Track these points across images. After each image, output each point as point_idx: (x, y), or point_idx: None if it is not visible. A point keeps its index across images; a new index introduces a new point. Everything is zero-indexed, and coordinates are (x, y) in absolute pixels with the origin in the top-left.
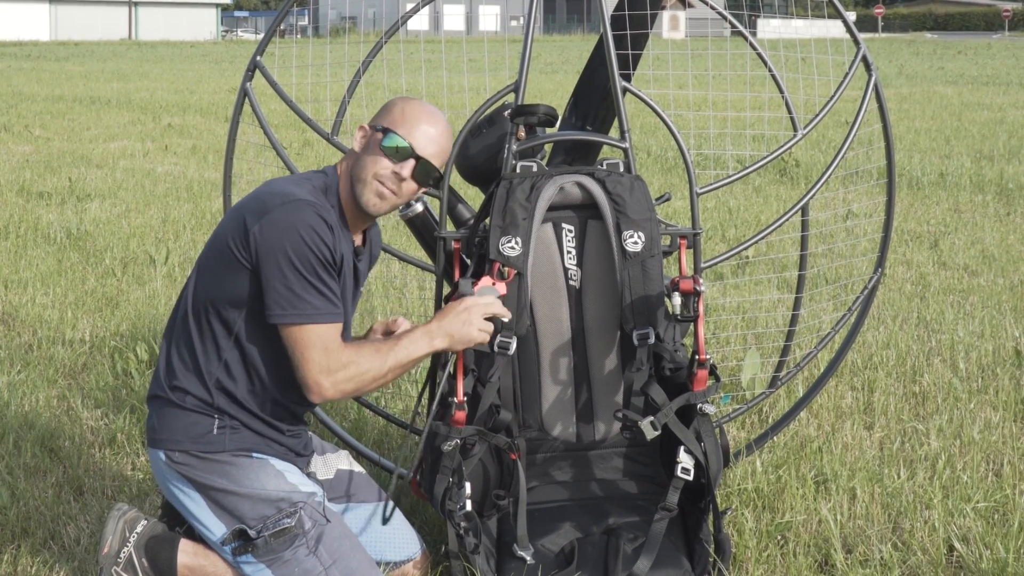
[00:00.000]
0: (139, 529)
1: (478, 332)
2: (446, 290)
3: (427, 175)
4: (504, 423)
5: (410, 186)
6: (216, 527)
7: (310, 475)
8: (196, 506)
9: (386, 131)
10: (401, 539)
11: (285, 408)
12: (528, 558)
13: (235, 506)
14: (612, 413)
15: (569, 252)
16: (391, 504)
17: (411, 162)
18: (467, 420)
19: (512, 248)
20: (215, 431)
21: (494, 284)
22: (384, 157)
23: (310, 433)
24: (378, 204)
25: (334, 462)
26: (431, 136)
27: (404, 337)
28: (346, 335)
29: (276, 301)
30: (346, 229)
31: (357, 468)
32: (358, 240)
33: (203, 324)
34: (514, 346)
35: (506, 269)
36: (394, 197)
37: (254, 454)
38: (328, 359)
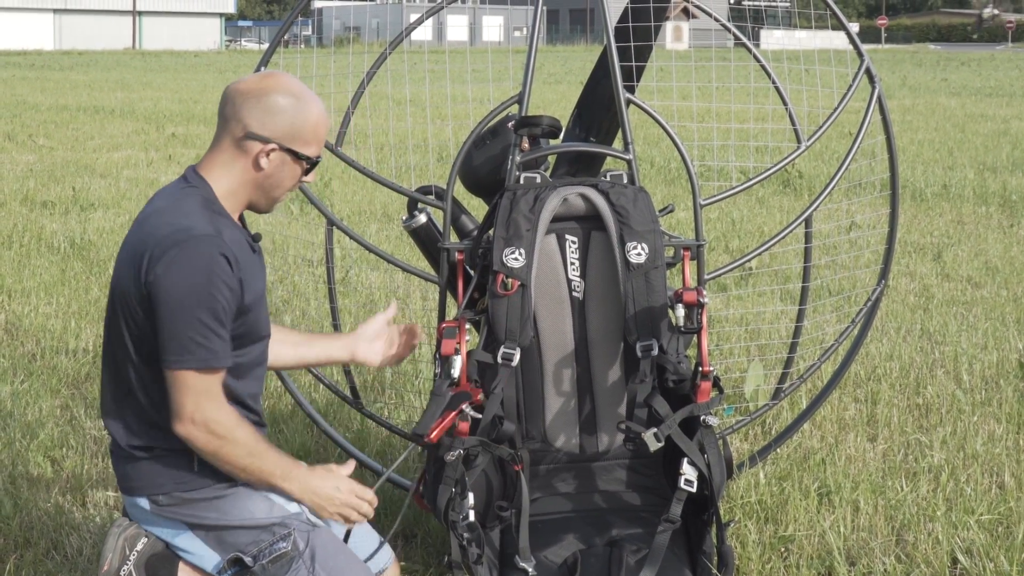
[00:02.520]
0: (139, 547)
1: (331, 511)
2: (450, 301)
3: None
4: (507, 434)
5: None
6: (210, 558)
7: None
8: (188, 542)
9: (304, 158)
10: (372, 550)
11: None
12: (530, 569)
13: (227, 537)
14: (616, 425)
15: (572, 263)
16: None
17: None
18: (470, 431)
19: (516, 260)
20: (196, 467)
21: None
22: (302, 175)
23: None
24: (278, 205)
25: None
26: (326, 116)
27: (284, 459)
28: (266, 329)
29: (172, 345)
30: (235, 227)
31: None
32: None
33: (143, 384)
34: (517, 357)
35: (510, 280)
36: None
37: (239, 484)
38: (198, 406)
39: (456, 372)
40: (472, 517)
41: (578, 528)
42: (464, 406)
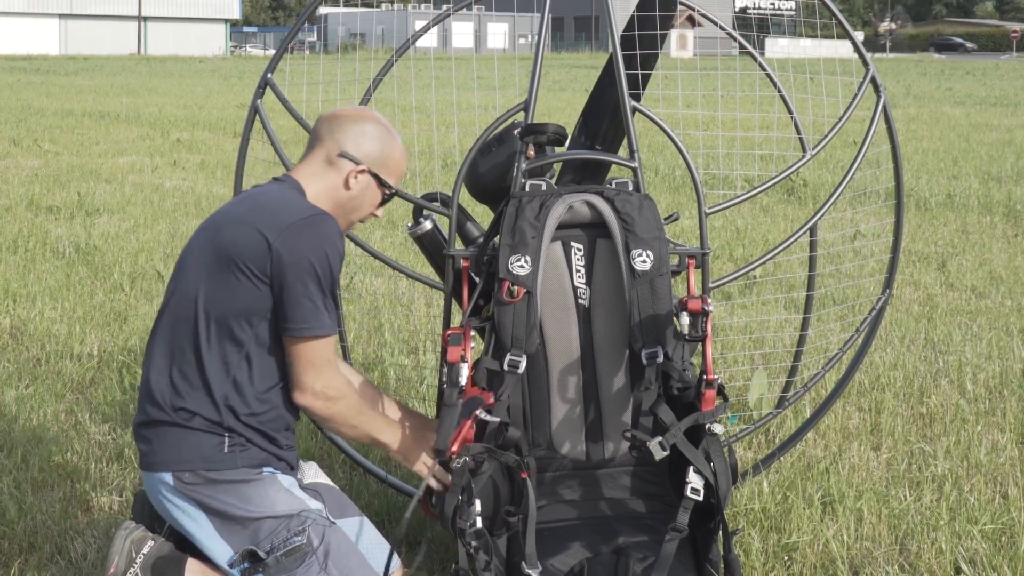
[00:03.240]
0: (146, 550)
1: (416, 465)
2: (455, 308)
3: None
4: (513, 441)
5: None
6: (223, 550)
7: (299, 480)
8: (201, 529)
9: (390, 191)
10: (380, 555)
11: (284, 421)
12: None
13: (243, 526)
14: (621, 432)
15: (578, 271)
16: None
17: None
18: (476, 438)
19: (522, 267)
20: (226, 449)
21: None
22: (379, 205)
23: None
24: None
25: (308, 473)
26: (405, 165)
27: (395, 425)
28: None
29: (301, 315)
30: None
31: (325, 480)
32: None
33: (211, 342)
34: (524, 365)
35: (516, 288)
36: None
37: (264, 470)
38: (319, 369)
39: (463, 379)
40: (479, 524)
41: (584, 536)
42: (478, 411)
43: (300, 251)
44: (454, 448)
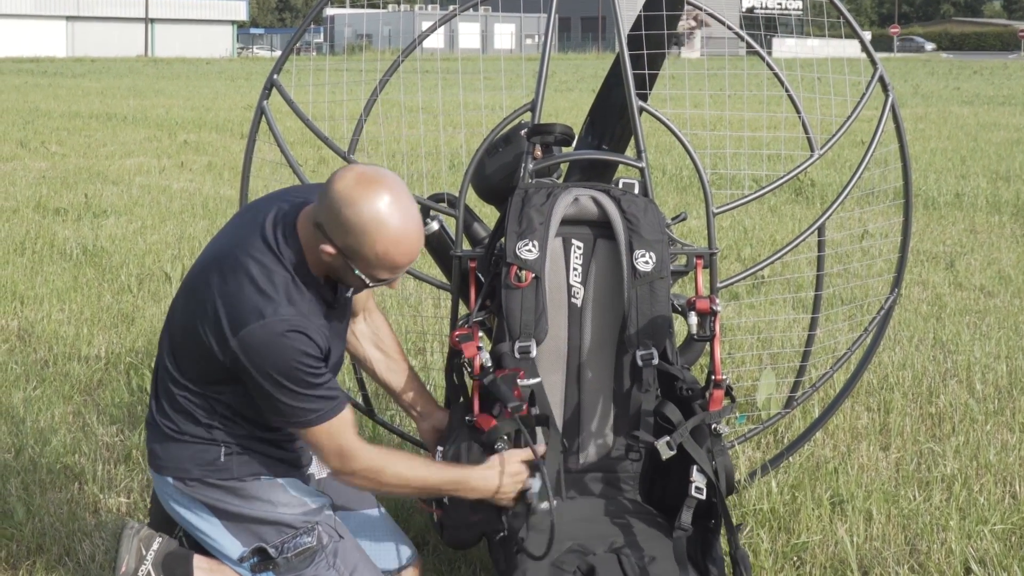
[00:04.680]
0: (155, 547)
1: (508, 499)
2: (462, 309)
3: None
4: (544, 417)
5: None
6: (233, 546)
7: (309, 477)
8: (211, 527)
9: (372, 278)
10: (396, 546)
11: (286, 431)
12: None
13: (252, 528)
14: (600, 437)
15: (575, 269)
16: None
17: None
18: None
19: (530, 251)
20: (222, 458)
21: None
22: (366, 286)
23: None
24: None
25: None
26: (410, 251)
27: (462, 471)
28: (342, 346)
29: (273, 413)
30: (319, 287)
31: None
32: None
33: (190, 392)
34: (535, 351)
35: (523, 272)
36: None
37: (262, 477)
38: (342, 454)
39: (489, 362)
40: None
41: (579, 535)
42: (519, 379)
43: (258, 358)
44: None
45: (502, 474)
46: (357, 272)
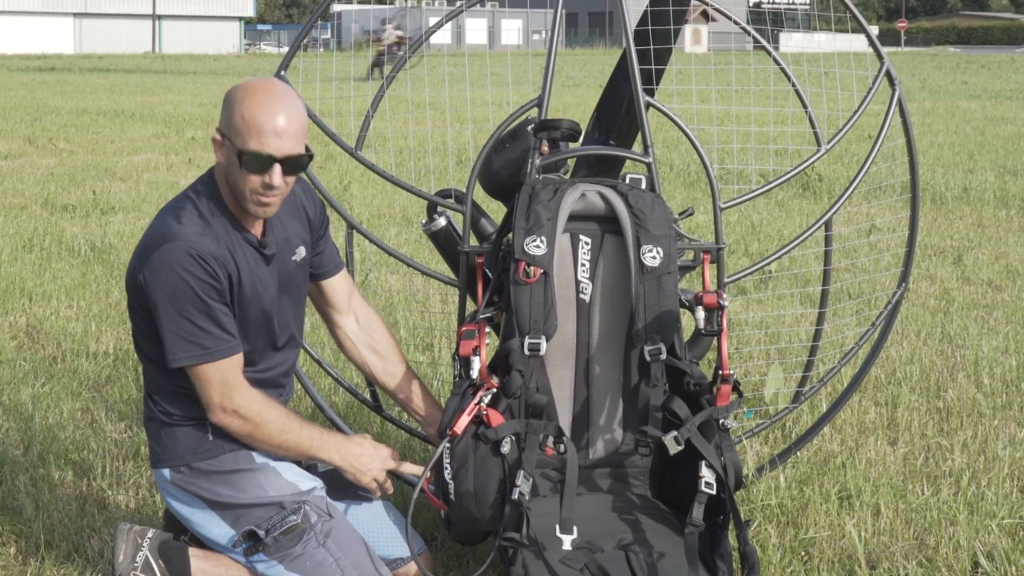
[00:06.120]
0: (150, 535)
1: (369, 479)
2: (470, 304)
3: (297, 167)
4: (540, 406)
5: (286, 182)
6: (224, 532)
7: (310, 467)
8: (203, 515)
9: (240, 153)
10: (406, 537)
11: (262, 389)
12: (569, 540)
13: (242, 513)
14: (608, 432)
15: (583, 264)
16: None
17: (276, 167)
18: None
19: (538, 247)
20: (211, 437)
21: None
22: (250, 174)
23: None
24: (266, 210)
25: None
26: (281, 130)
27: (317, 430)
28: (285, 332)
29: (169, 346)
30: (243, 231)
31: None
32: (258, 230)
33: (164, 372)
34: (544, 347)
35: (532, 268)
36: (277, 198)
37: (253, 454)
38: (224, 396)
39: (475, 373)
40: (527, 491)
41: (586, 532)
42: (482, 393)
43: (156, 283)
44: (455, 428)
45: (362, 455)
46: (237, 157)
